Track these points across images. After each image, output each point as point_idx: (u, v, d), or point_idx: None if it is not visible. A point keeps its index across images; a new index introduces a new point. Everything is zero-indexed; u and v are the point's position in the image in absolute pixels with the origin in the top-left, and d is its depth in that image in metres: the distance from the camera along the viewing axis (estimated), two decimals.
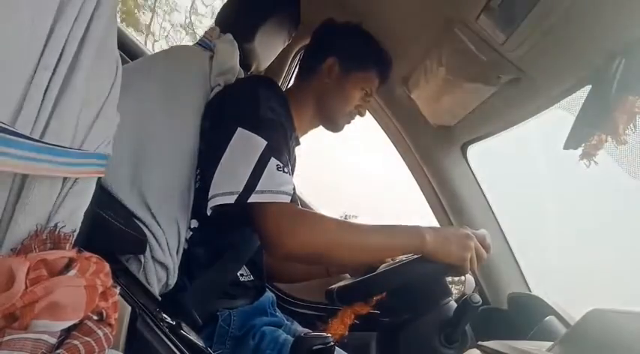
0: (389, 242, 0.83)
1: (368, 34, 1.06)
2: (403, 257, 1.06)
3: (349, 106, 1.05)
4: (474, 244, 0.82)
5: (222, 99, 0.92)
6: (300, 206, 1.01)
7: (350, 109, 1.05)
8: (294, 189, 0.82)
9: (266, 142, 0.80)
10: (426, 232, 0.82)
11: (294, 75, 1.50)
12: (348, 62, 1.03)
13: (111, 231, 0.62)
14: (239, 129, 0.82)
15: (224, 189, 0.78)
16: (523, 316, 0.98)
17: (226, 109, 0.89)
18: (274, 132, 0.83)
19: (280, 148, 0.82)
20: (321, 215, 0.84)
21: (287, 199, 0.78)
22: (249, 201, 0.76)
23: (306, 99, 1.04)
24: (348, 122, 1.09)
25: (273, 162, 0.79)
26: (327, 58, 1.02)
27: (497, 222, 1.20)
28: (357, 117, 1.10)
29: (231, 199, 0.77)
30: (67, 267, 0.39)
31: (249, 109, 0.86)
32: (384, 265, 1.04)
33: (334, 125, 1.08)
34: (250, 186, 0.77)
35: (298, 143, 1.06)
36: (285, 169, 0.80)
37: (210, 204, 0.79)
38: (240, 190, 0.76)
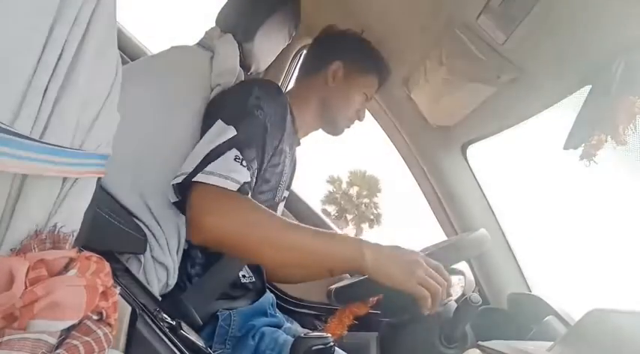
0: (323, 249, 0.76)
1: (369, 42, 1.08)
2: None
3: (351, 109, 1.07)
4: (423, 272, 0.74)
5: (220, 97, 0.92)
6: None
7: (351, 113, 1.07)
8: (250, 186, 0.77)
9: (235, 133, 0.78)
10: (368, 247, 0.75)
11: (293, 76, 1.50)
12: (353, 67, 1.05)
13: (111, 231, 0.62)
14: (219, 120, 0.82)
15: (180, 170, 0.76)
16: (523, 316, 0.98)
17: (218, 105, 0.89)
18: (250, 127, 0.81)
19: (249, 143, 0.79)
20: (258, 207, 0.76)
21: (233, 186, 0.74)
22: (193, 179, 0.73)
23: (307, 101, 1.05)
24: (348, 126, 1.11)
25: (234, 152, 0.76)
26: (332, 61, 1.04)
27: (497, 222, 1.20)
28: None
29: (180, 179, 0.75)
30: (67, 267, 0.39)
31: (235, 104, 0.86)
32: None
33: (335, 128, 1.09)
34: (200, 167, 0.74)
35: (298, 144, 1.07)
36: (244, 163, 0.76)
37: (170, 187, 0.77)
38: (190, 171, 0.74)
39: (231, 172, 0.74)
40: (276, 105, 0.89)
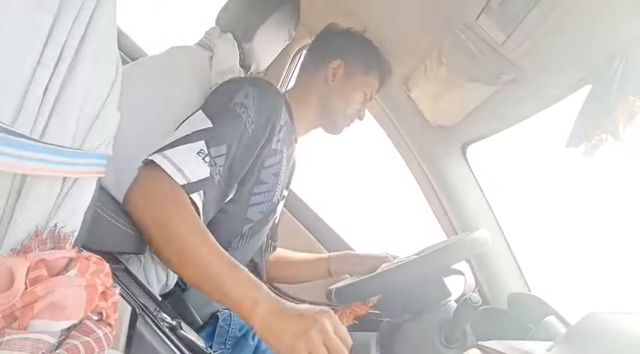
0: (222, 281, 0.66)
1: (370, 41, 1.07)
2: (403, 257, 1.06)
3: (350, 108, 1.06)
4: (318, 336, 0.60)
5: (212, 91, 0.92)
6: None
7: (351, 112, 1.06)
8: (206, 183, 0.74)
9: (210, 126, 0.77)
10: (265, 300, 0.63)
11: (293, 75, 1.50)
12: (353, 65, 1.04)
13: (111, 231, 0.62)
14: (200, 110, 0.82)
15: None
16: (523, 316, 0.98)
17: (206, 98, 0.89)
18: (227, 124, 0.80)
19: (221, 139, 0.77)
20: (186, 210, 0.70)
21: (180, 179, 0.70)
22: (149, 157, 0.72)
23: (307, 99, 1.05)
24: (348, 125, 1.10)
25: (201, 144, 0.74)
26: (331, 60, 1.03)
27: (497, 222, 1.20)
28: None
29: (142, 163, 0.73)
30: (67, 267, 0.39)
31: (219, 99, 0.85)
32: (384, 265, 1.04)
33: (334, 127, 1.09)
34: (162, 149, 0.73)
35: (296, 142, 1.07)
36: (207, 159, 0.74)
37: None
38: (152, 152, 0.73)
39: (186, 166, 0.72)
40: (265, 105, 0.87)
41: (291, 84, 1.32)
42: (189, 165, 0.72)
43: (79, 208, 0.43)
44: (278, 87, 1.42)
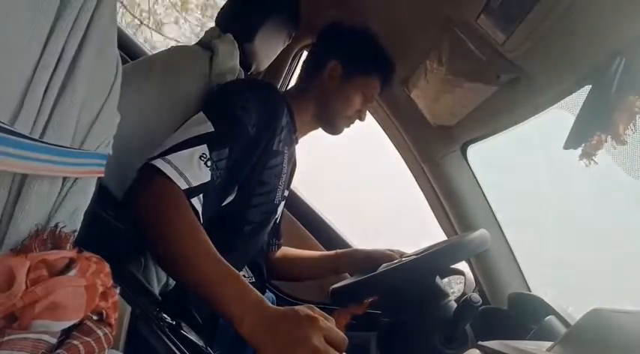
0: (211, 289, 0.64)
1: (373, 39, 1.05)
2: (403, 258, 1.06)
3: (349, 110, 1.04)
4: (307, 349, 0.57)
5: (212, 92, 0.92)
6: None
7: (350, 113, 1.05)
8: (207, 187, 0.74)
9: (212, 130, 0.76)
10: (252, 313, 0.62)
11: (293, 75, 1.50)
12: (350, 66, 1.02)
13: (111, 231, 0.62)
14: (201, 112, 0.81)
15: (150, 155, 0.73)
16: (523, 316, 0.98)
17: (207, 99, 0.88)
18: (228, 126, 0.79)
19: (223, 142, 0.77)
20: (188, 215, 0.70)
21: (183, 184, 0.70)
22: (151, 162, 0.71)
23: (306, 101, 1.04)
24: (348, 126, 1.09)
25: (203, 148, 0.74)
26: (329, 61, 1.02)
27: (497, 222, 1.20)
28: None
29: (143, 166, 0.72)
30: (68, 267, 0.39)
31: (220, 101, 0.85)
32: (383, 265, 1.05)
33: (333, 128, 1.08)
34: (164, 154, 0.72)
35: (297, 142, 1.07)
36: (209, 163, 0.74)
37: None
38: (155, 155, 0.72)
39: (189, 171, 0.71)
40: (267, 107, 0.87)
41: (292, 84, 1.33)
42: (192, 170, 0.72)
43: (79, 208, 0.43)
44: (278, 87, 1.42)
